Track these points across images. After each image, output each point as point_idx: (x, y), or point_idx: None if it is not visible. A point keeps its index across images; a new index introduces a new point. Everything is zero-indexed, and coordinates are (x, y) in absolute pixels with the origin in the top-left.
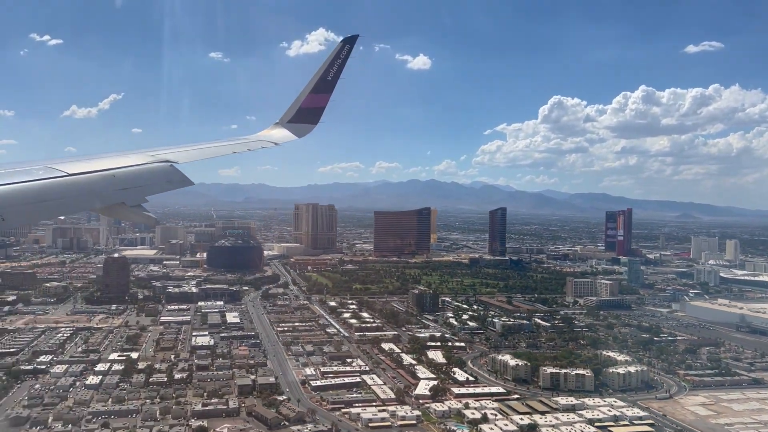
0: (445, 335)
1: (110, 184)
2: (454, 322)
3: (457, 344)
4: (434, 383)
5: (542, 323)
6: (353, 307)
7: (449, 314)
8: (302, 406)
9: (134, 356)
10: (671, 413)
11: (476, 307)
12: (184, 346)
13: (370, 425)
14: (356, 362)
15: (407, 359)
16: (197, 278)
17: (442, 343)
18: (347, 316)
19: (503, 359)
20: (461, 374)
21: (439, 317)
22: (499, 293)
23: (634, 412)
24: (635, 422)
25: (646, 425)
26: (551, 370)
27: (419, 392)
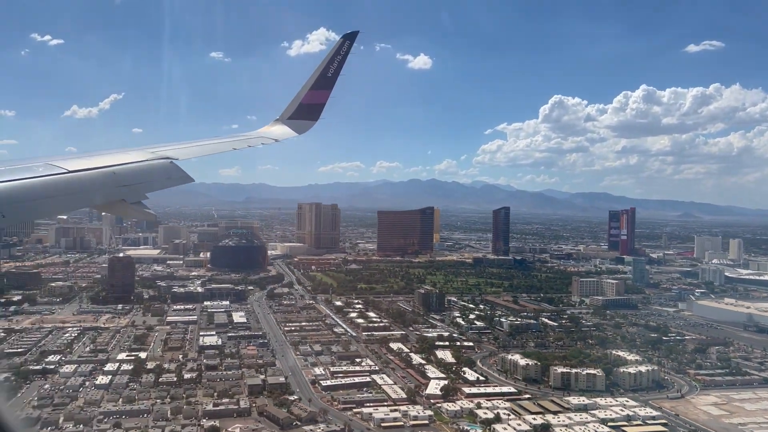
0: (453, 335)
1: (110, 181)
2: (461, 321)
3: (465, 344)
4: (445, 383)
5: (549, 323)
6: (359, 306)
7: (456, 314)
8: (313, 405)
9: (143, 356)
10: (684, 413)
11: (482, 306)
12: (191, 345)
13: (382, 425)
14: (365, 362)
15: (416, 359)
16: (202, 278)
17: (450, 342)
18: (354, 315)
19: (513, 359)
20: (471, 374)
21: (445, 317)
22: (504, 293)
23: (646, 411)
24: (648, 422)
25: (659, 425)
26: (562, 369)
27: (430, 392)
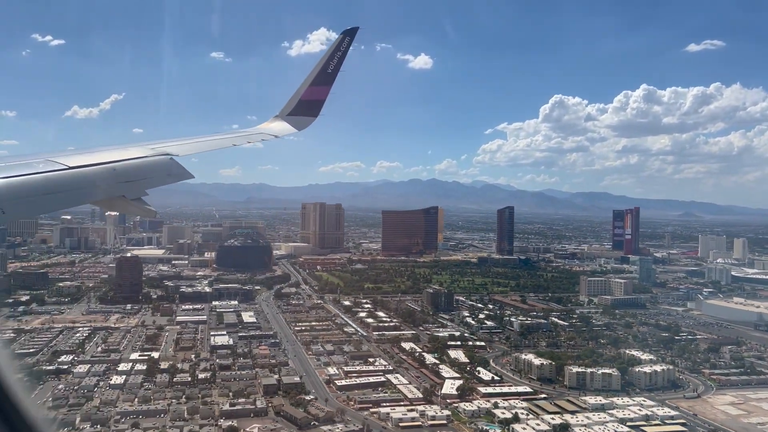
0: (464, 334)
1: (110, 177)
2: (471, 321)
3: (477, 343)
4: (460, 382)
5: (560, 322)
6: (368, 306)
7: (465, 313)
8: (330, 405)
9: (155, 356)
10: (702, 413)
11: (491, 306)
12: (203, 345)
13: (400, 425)
14: (378, 362)
15: (429, 358)
16: (208, 278)
17: (461, 342)
18: (363, 315)
19: (527, 358)
20: (485, 374)
21: (455, 316)
22: (511, 292)
23: (664, 411)
24: (667, 422)
25: (678, 425)
26: (577, 369)
27: (446, 391)
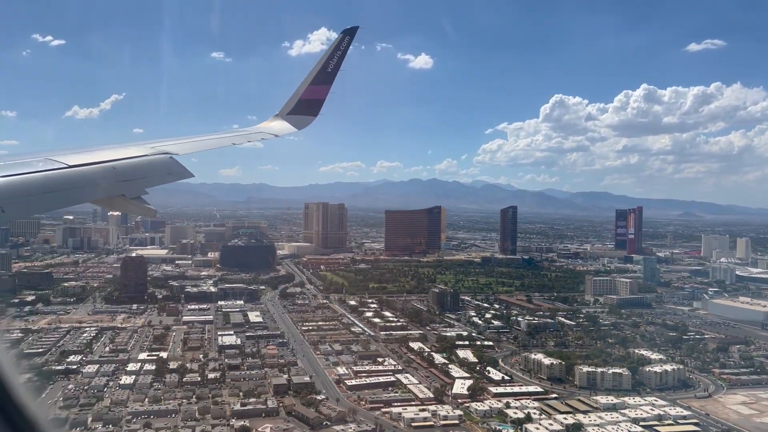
0: (471, 334)
1: (110, 175)
2: (477, 321)
3: (485, 343)
4: (470, 382)
5: (567, 322)
6: (374, 306)
7: (471, 313)
8: (342, 405)
9: (164, 356)
10: (713, 412)
11: (497, 306)
12: (211, 345)
13: (412, 425)
14: (387, 361)
15: (438, 358)
16: (212, 278)
17: (469, 342)
18: (370, 315)
19: (536, 358)
20: (495, 373)
21: (461, 316)
22: (516, 292)
23: (676, 411)
24: (680, 421)
25: (691, 425)
26: (587, 368)
27: (456, 391)
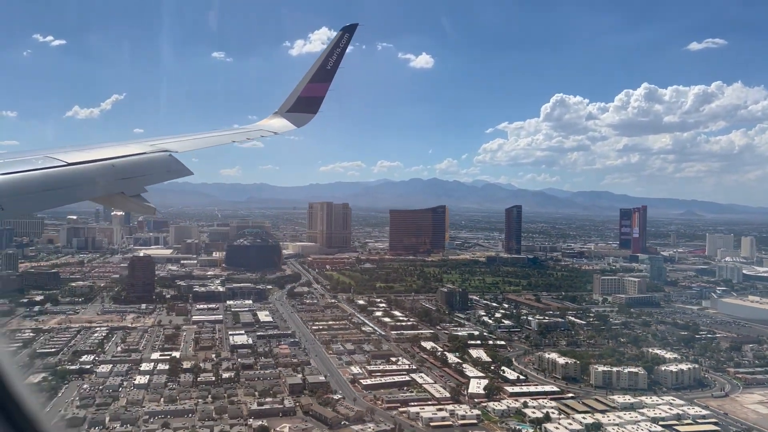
0: (483, 333)
1: (110, 173)
2: (487, 320)
3: (497, 343)
4: (486, 382)
5: (577, 321)
6: (383, 305)
7: (481, 312)
8: (358, 405)
9: (177, 356)
10: (731, 411)
11: (506, 305)
12: (222, 345)
13: (431, 424)
14: (401, 361)
15: (452, 358)
16: (219, 277)
17: (481, 341)
18: (379, 314)
19: (550, 357)
20: (510, 373)
21: (470, 315)
22: (524, 291)
23: (694, 410)
24: (699, 421)
25: (710, 424)
26: (602, 368)
27: (473, 391)
